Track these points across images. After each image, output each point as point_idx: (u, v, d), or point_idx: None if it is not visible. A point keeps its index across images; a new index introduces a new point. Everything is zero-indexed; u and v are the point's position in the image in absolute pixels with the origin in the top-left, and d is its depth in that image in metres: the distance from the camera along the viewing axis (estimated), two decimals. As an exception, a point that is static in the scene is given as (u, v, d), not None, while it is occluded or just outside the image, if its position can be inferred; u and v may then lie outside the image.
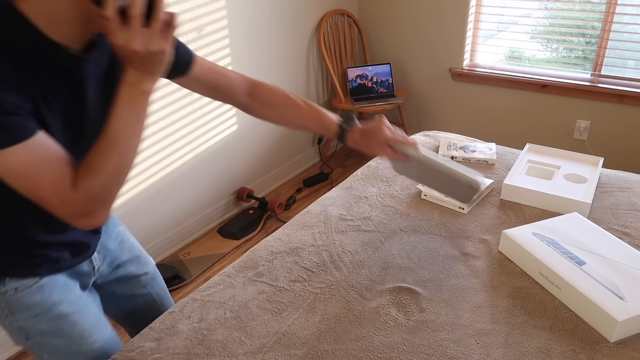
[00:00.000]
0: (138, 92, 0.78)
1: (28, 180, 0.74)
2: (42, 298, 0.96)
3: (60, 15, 0.75)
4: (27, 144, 0.72)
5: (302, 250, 1.27)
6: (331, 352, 0.97)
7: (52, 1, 0.74)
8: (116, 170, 0.79)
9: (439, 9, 3.16)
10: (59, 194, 0.76)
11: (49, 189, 0.75)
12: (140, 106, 0.79)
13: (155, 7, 0.72)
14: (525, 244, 1.17)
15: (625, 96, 2.76)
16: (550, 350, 0.96)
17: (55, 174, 0.75)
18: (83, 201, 0.77)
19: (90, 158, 0.78)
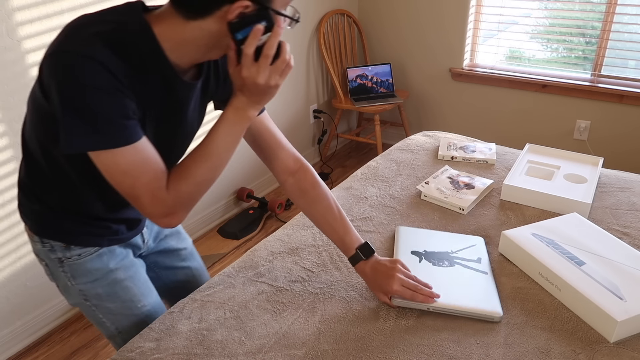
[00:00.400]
0: (243, 117, 0.89)
1: (128, 177, 0.83)
2: (100, 265, 1.06)
3: (190, 42, 0.85)
4: (135, 146, 0.82)
5: (302, 251, 1.27)
6: (331, 352, 0.97)
7: (188, 29, 0.83)
8: (205, 180, 0.88)
9: (439, 9, 3.17)
10: (151, 194, 0.85)
11: (144, 188, 0.84)
12: (240, 129, 0.89)
13: (281, 49, 0.84)
14: (525, 245, 1.17)
15: (625, 96, 2.76)
16: (550, 351, 0.96)
17: (152, 176, 0.85)
18: (171, 203, 0.86)
19: (185, 165, 0.88)
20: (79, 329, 2.07)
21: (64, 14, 1.83)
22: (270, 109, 2.97)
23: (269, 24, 0.82)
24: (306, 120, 3.32)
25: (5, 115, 1.75)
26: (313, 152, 3.46)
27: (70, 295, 1.10)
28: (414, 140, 1.91)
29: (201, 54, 0.88)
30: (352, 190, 1.55)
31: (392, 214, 1.42)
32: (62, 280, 1.07)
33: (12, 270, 1.90)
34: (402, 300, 1.05)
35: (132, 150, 0.82)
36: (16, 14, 1.70)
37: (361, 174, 1.66)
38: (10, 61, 1.72)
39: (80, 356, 1.95)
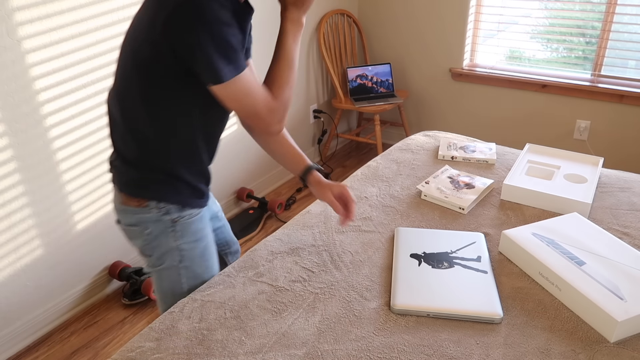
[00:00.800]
0: (299, 25, 1.05)
1: (250, 98, 1.00)
2: (202, 226, 1.20)
3: None
4: (247, 70, 0.99)
5: (302, 251, 1.27)
6: (331, 352, 0.97)
7: None
8: (293, 82, 1.06)
9: (439, 9, 3.17)
10: (268, 105, 1.02)
11: (262, 102, 1.02)
12: (299, 35, 1.05)
13: None
14: (525, 245, 1.17)
15: (625, 96, 2.76)
16: (550, 351, 0.96)
17: (263, 91, 1.02)
18: (281, 108, 1.05)
19: (277, 76, 1.04)
20: (79, 329, 2.07)
21: (64, 14, 1.83)
22: (270, 109, 2.97)
23: None
24: (306, 120, 3.32)
25: (5, 115, 1.75)
26: (313, 152, 3.46)
27: (167, 257, 1.17)
28: (414, 140, 1.91)
29: None
30: (352, 190, 1.55)
31: (392, 213, 1.42)
32: (166, 241, 1.16)
33: (12, 270, 1.90)
34: (402, 305, 1.05)
35: (248, 73, 0.99)
36: (16, 14, 1.70)
37: (361, 173, 1.66)
38: (10, 61, 1.72)
39: (80, 356, 1.95)
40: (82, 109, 1.98)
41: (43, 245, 1.97)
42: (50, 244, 2.00)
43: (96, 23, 1.94)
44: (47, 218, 1.96)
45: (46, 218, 1.96)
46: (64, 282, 2.09)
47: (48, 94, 1.86)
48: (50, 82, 1.85)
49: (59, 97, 1.89)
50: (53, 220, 1.99)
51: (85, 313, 2.16)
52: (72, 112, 1.95)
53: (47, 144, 1.89)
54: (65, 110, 1.92)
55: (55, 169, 1.95)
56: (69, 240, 2.06)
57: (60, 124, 1.92)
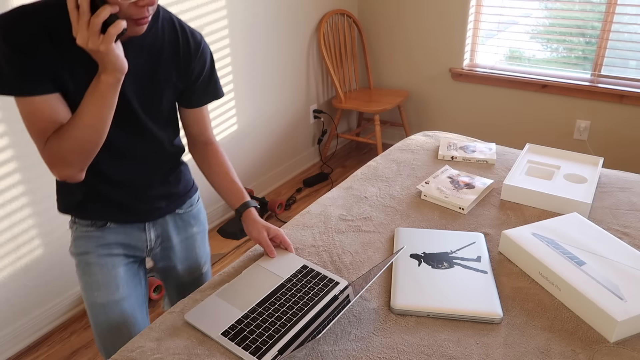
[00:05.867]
0: (97, 81, 0.92)
1: (27, 125, 0.96)
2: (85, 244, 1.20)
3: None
4: (35, 99, 0.93)
5: (302, 251, 1.27)
6: (331, 353, 0.97)
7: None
8: (75, 138, 0.95)
9: (439, 9, 3.17)
10: (38, 146, 0.97)
11: (35, 139, 0.96)
12: (99, 94, 0.92)
13: (97, 12, 0.84)
14: (525, 245, 1.17)
15: (625, 96, 2.76)
16: (550, 351, 0.96)
17: (40, 129, 0.95)
18: (46, 155, 0.97)
19: (63, 125, 0.96)
20: (79, 329, 2.07)
21: (64, 14, 1.83)
22: (271, 109, 2.97)
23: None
24: (306, 120, 3.32)
25: (5, 115, 1.75)
26: (313, 152, 3.46)
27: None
28: (414, 140, 1.91)
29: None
30: (352, 190, 1.56)
31: (392, 213, 1.42)
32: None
33: (12, 270, 1.90)
34: (402, 305, 1.05)
35: (37, 101, 0.96)
36: (16, 14, 1.70)
37: (361, 174, 1.66)
38: (10, 61, 1.72)
39: (80, 356, 1.95)
40: (82, 109, 1.98)
41: (43, 246, 1.97)
42: (50, 244, 2.00)
43: (96, 23, 1.94)
44: (47, 218, 1.96)
45: (46, 218, 1.96)
46: (64, 282, 2.09)
47: (48, 94, 1.85)
48: (50, 82, 1.85)
49: (59, 97, 1.89)
50: (53, 220, 1.99)
51: (85, 313, 2.16)
52: (72, 112, 1.95)
53: (47, 144, 1.90)
54: (65, 110, 1.92)
55: (55, 169, 1.95)
56: (69, 240, 2.06)
57: (60, 124, 1.92)
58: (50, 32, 0.92)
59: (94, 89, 0.92)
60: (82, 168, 1.00)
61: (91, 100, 0.93)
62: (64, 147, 0.95)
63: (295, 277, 1.13)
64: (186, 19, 2.29)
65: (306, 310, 1.04)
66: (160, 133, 1.15)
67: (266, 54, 2.83)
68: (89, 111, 0.93)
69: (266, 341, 0.97)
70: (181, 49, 1.09)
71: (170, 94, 1.12)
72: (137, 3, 0.89)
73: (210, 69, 1.17)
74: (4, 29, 0.89)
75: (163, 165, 1.21)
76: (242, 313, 1.04)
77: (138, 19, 0.92)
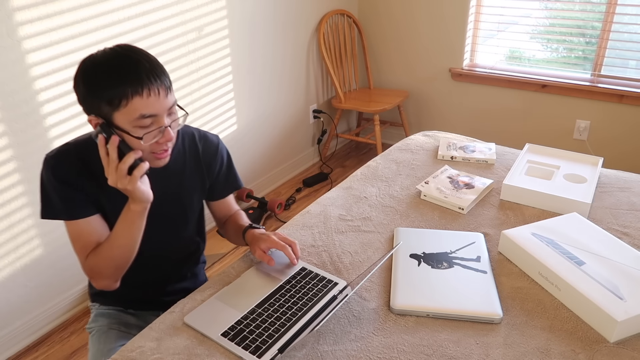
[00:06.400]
0: (127, 210, 1.07)
1: (73, 244, 1.13)
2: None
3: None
4: (79, 221, 1.10)
5: (302, 251, 1.27)
6: (331, 353, 0.97)
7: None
8: (109, 256, 1.10)
9: (439, 9, 3.17)
10: (80, 261, 1.13)
11: (78, 252, 1.12)
12: (130, 220, 1.07)
13: (124, 158, 0.99)
14: (525, 245, 1.17)
15: (625, 96, 2.76)
16: (550, 351, 0.96)
17: (83, 246, 1.11)
18: (86, 270, 1.13)
19: (100, 244, 1.10)
20: (79, 329, 2.07)
21: (64, 14, 1.83)
22: (270, 109, 2.97)
23: (107, 136, 0.99)
24: (306, 120, 3.32)
25: (5, 115, 1.75)
26: (313, 152, 3.46)
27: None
28: (414, 140, 1.91)
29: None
30: (352, 190, 1.55)
31: (391, 213, 1.42)
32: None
33: (12, 270, 1.90)
34: (402, 305, 1.05)
35: (81, 224, 1.13)
36: (16, 14, 1.70)
37: (361, 173, 1.66)
38: (10, 61, 1.72)
39: (80, 356, 1.95)
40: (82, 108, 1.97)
41: (43, 245, 1.97)
42: (50, 244, 2.00)
43: (96, 23, 1.94)
44: (47, 218, 1.96)
45: (46, 218, 1.96)
46: (64, 282, 2.09)
47: (48, 94, 1.86)
48: (50, 82, 1.85)
49: (59, 97, 1.89)
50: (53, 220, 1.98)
51: (85, 313, 2.16)
52: (72, 112, 1.95)
53: (47, 144, 1.89)
54: (65, 110, 1.92)
55: (55, 169, 1.94)
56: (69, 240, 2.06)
57: (60, 124, 1.92)
58: (89, 165, 1.09)
59: (125, 216, 1.07)
60: (117, 279, 1.15)
61: (123, 225, 1.07)
62: (100, 264, 1.10)
63: (294, 279, 1.14)
64: (186, 19, 2.29)
65: (306, 310, 1.04)
66: (189, 237, 1.31)
67: (266, 54, 2.83)
68: (121, 234, 1.08)
69: (266, 340, 0.97)
70: (201, 156, 1.25)
71: (199, 195, 1.28)
72: (158, 142, 1.04)
73: (228, 163, 1.31)
74: (53, 167, 1.07)
75: (184, 264, 1.35)
76: (242, 314, 1.04)
77: (159, 153, 1.07)
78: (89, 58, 1.01)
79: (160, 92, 1.00)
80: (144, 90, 0.97)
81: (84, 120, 1.99)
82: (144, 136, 1.00)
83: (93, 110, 1.02)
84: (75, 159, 1.09)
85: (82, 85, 1.01)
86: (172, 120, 1.05)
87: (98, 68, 0.99)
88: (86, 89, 1.00)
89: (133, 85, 0.97)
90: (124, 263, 1.12)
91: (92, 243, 1.11)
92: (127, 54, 1.00)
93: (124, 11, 2.03)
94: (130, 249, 1.11)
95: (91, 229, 1.11)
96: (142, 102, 0.98)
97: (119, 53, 1.00)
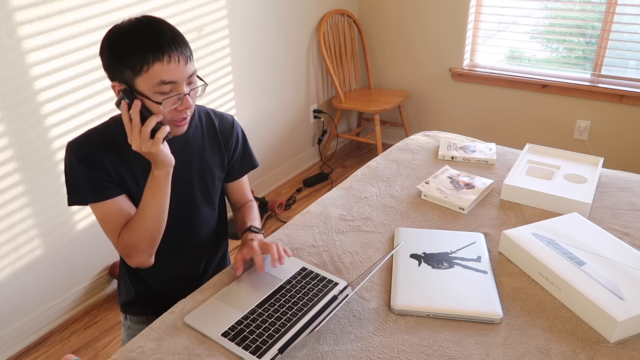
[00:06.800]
0: (152, 176, 1.09)
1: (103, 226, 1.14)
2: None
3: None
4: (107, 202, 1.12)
5: (302, 251, 1.27)
6: (331, 353, 0.97)
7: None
8: (141, 226, 1.11)
9: (439, 9, 3.17)
10: (113, 242, 1.14)
11: (110, 236, 1.14)
12: (155, 186, 1.09)
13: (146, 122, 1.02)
14: (525, 245, 1.17)
15: (625, 96, 2.76)
16: (550, 351, 0.96)
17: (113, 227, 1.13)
18: (121, 247, 1.14)
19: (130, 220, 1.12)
20: (79, 329, 2.07)
21: (63, 14, 1.83)
22: (271, 109, 2.97)
23: (130, 101, 1.02)
24: (306, 120, 3.32)
25: (5, 115, 1.75)
26: (313, 152, 3.46)
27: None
28: (414, 140, 1.91)
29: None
30: (352, 190, 1.55)
31: (392, 213, 1.42)
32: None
33: (12, 270, 1.90)
34: (402, 305, 1.05)
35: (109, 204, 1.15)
36: (16, 14, 1.70)
37: (361, 173, 1.66)
38: (10, 61, 1.72)
39: (80, 356, 1.95)
40: (82, 109, 1.98)
41: (43, 245, 1.97)
42: (50, 244, 2.00)
43: (96, 23, 1.94)
44: (47, 218, 1.96)
45: (46, 218, 1.96)
46: (64, 282, 2.09)
47: (48, 94, 1.86)
48: (50, 82, 1.85)
49: (59, 97, 1.89)
50: (53, 220, 1.99)
51: (85, 313, 2.16)
52: (72, 112, 1.95)
53: (47, 144, 1.90)
54: (65, 110, 1.92)
55: (56, 169, 1.95)
56: (69, 240, 2.06)
57: (60, 124, 1.92)
58: (112, 146, 1.11)
59: (150, 183, 1.09)
60: (151, 253, 1.16)
61: (149, 192, 1.09)
62: (134, 237, 1.11)
63: (294, 279, 1.13)
64: (186, 19, 2.29)
65: (306, 310, 1.04)
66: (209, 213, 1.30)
67: (266, 54, 2.83)
68: (149, 203, 1.10)
69: (266, 340, 0.97)
70: (219, 132, 1.27)
71: (219, 172, 1.29)
72: (177, 109, 1.06)
73: (244, 141, 1.33)
74: (76, 151, 1.10)
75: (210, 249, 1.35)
76: (242, 314, 1.04)
77: (179, 120, 1.09)
78: (115, 27, 1.04)
79: (180, 60, 1.02)
80: (165, 57, 1.00)
81: (84, 121, 1.99)
82: (163, 101, 1.03)
83: (117, 76, 1.04)
84: (98, 141, 1.11)
85: (107, 51, 1.03)
86: (191, 89, 1.08)
87: (122, 36, 1.02)
88: (111, 54, 1.03)
89: (154, 51, 0.99)
90: (156, 232, 1.13)
91: (122, 223, 1.13)
92: (150, 23, 1.03)
93: (124, 11, 2.03)
94: (160, 217, 1.12)
95: (119, 209, 1.13)
96: (162, 68, 1.00)
97: (143, 22, 1.03)
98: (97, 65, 1.98)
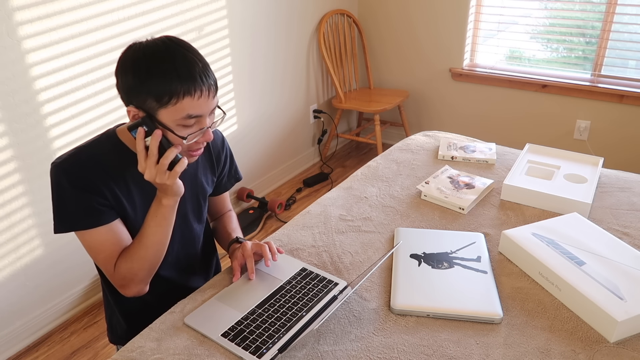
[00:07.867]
0: (159, 205, 1.04)
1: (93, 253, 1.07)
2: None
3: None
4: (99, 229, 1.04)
5: (302, 251, 1.27)
6: (331, 353, 0.97)
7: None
8: (143, 256, 1.06)
9: (438, 9, 3.17)
10: (107, 270, 1.07)
11: (103, 264, 1.07)
12: (161, 215, 1.04)
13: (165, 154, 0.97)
14: (525, 245, 1.17)
15: (625, 96, 2.76)
16: (550, 351, 0.96)
17: (108, 255, 1.06)
18: (117, 278, 1.07)
19: (128, 247, 1.07)
20: (79, 329, 2.07)
21: (64, 14, 1.83)
22: (271, 109, 2.97)
23: (149, 129, 0.95)
24: (306, 120, 3.32)
25: (5, 115, 1.75)
26: (313, 152, 3.46)
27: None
28: (414, 140, 1.91)
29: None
30: (352, 190, 1.55)
31: (392, 213, 1.42)
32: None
33: (12, 270, 1.90)
34: (402, 305, 1.05)
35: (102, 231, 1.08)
36: (16, 14, 1.70)
37: (361, 174, 1.66)
38: (10, 61, 1.72)
39: (80, 356, 1.95)
40: (82, 109, 1.98)
41: (43, 245, 1.97)
42: (50, 244, 2.00)
43: (96, 23, 1.94)
44: (47, 218, 1.96)
45: (46, 218, 1.96)
46: (64, 282, 2.09)
47: (48, 94, 1.86)
48: (50, 82, 1.85)
49: (59, 97, 1.89)
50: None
51: (85, 313, 2.16)
52: (72, 112, 1.95)
53: (47, 144, 1.90)
54: (65, 110, 1.92)
55: (55, 169, 1.94)
56: (69, 240, 2.06)
57: (60, 124, 1.92)
58: (106, 166, 1.04)
59: (156, 211, 1.04)
60: (148, 282, 1.12)
61: (155, 221, 1.04)
62: (135, 267, 1.06)
63: (294, 280, 1.13)
64: (186, 19, 2.29)
65: (306, 310, 1.04)
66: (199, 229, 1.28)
67: (266, 54, 2.83)
68: (154, 232, 1.04)
69: (266, 341, 0.97)
70: (212, 149, 1.25)
71: (210, 189, 1.27)
72: (197, 141, 1.02)
73: (231, 157, 1.32)
74: (69, 174, 1.01)
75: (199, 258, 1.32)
76: (242, 314, 1.04)
77: (195, 150, 1.04)
78: (139, 47, 0.95)
79: (210, 93, 0.97)
80: (196, 92, 0.94)
81: (84, 121, 1.99)
82: (187, 136, 0.98)
83: (136, 102, 0.96)
84: (90, 162, 1.03)
85: (130, 75, 0.94)
86: (212, 122, 1.03)
87: (151, 62, 0.93)
88: (135, 79, 0.94)
89: (186, 85, 0.93)
90: (157, 262, 1.09)
91: (117, 252, 1.06)
92: (180, 50, 0.95)
93: (124, 11, 2.03)
94: (163, 246, 1.08)
95: (114, 236, 1.06)
96: (191, 102, 0.95)
97: (171, 48, 0.95)
98: (97, 65, 1.98)
